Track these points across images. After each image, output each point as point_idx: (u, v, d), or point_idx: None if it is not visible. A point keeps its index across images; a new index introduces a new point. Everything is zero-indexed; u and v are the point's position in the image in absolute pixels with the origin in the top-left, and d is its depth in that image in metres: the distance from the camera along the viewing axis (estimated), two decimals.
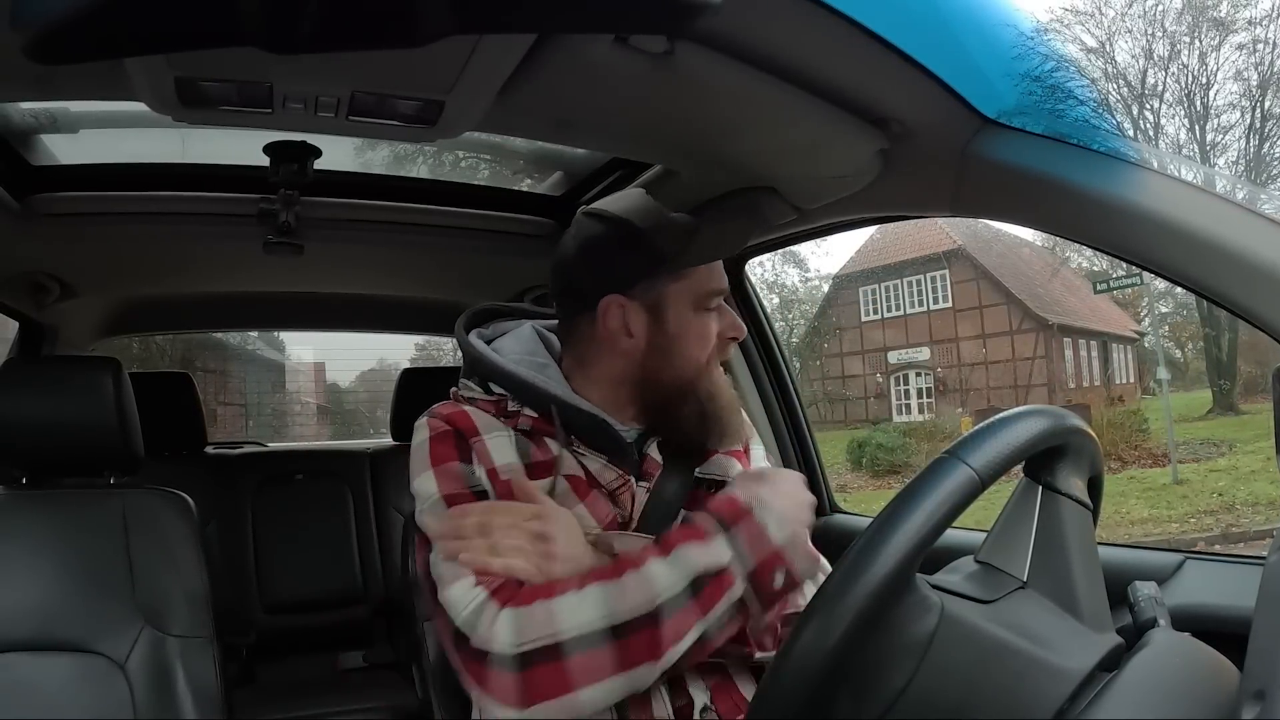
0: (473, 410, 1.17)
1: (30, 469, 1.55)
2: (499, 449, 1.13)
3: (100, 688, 1.40)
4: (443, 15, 0.63)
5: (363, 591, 2.89)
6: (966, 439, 0.76)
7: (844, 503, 2.11)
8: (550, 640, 0.95)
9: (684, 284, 1.17)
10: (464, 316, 1.30)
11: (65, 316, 2.37)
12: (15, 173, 1.68)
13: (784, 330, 17.22)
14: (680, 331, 1.17)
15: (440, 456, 1.12)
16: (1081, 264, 16.98)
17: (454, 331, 1.28)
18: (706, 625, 0.97)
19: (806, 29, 0.95)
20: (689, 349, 1.18)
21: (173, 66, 1.05)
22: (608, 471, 1.17)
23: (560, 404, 1.15)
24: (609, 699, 0.97)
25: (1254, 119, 13.85)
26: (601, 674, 0.95)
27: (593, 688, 0.95)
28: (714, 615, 0.98)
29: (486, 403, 1.18)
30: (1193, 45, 13.97)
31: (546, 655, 0.94)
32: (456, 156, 2.14)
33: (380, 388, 13.25)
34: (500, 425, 1.15)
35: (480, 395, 1.19)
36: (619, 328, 1.16)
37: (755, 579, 0.99)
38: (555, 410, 1.15)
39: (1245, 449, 10.72)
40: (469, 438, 1.13)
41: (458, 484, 1.10)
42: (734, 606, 0.99)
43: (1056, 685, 0.72)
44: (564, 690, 0.94)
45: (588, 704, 0.95)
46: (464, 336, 1.26)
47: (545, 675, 0.94)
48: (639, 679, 0.96)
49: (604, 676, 0.95)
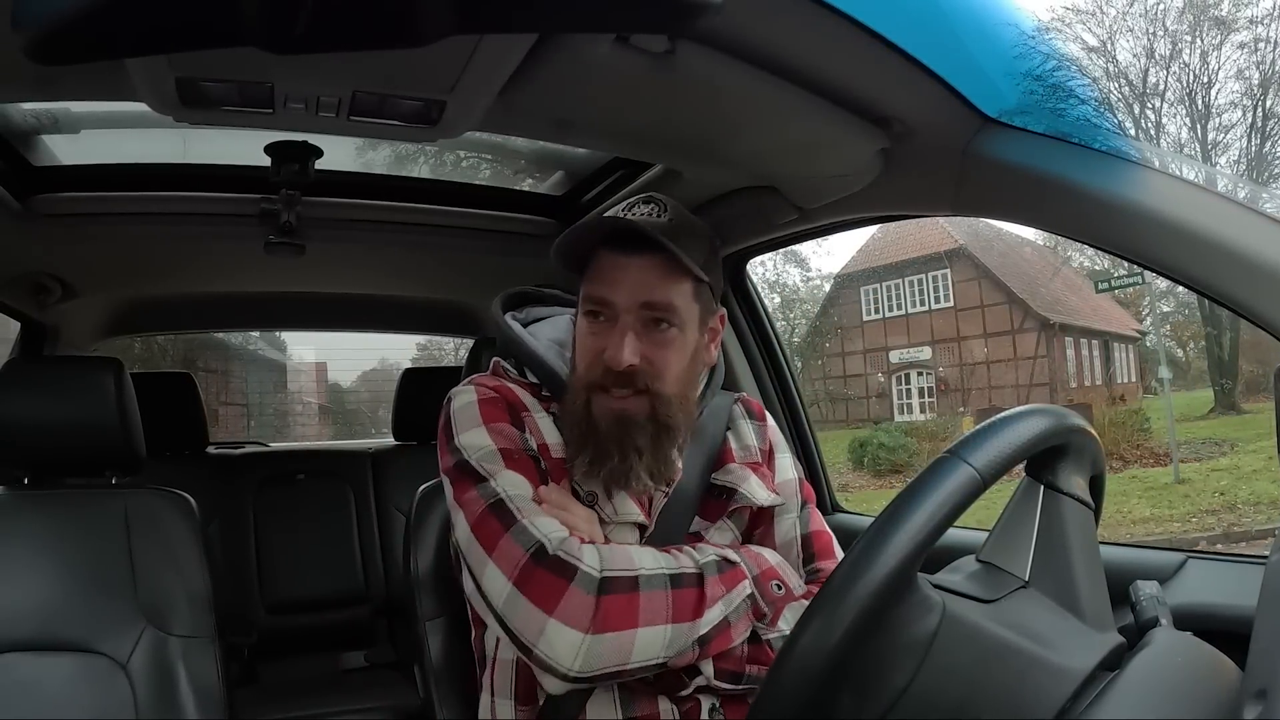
0: (516, 388, 1.18)
1: (32, 469, 1.55)
2: (547, 429, 1.16)
3: (102, 688, 1.40)
4: (444, 15, 0.63)
5: (364, 591, 2.89)
6: (968, 438, 0.76)
7: (846, 502, 2.11)
8: (630, 573, 1.01)
9: (584, 285, 1.15)
10: (501, 297, 1.29)
11: (67, 317, 2.38)
12: (17, 173, 1.69)
13: (785, 330, 17.22)
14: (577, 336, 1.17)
15: (492, 416, 1.13)
16: (1083, 263, 16.97)
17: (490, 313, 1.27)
18: (728, 608, 1.05)
19: (808, 28, 0.95)
20: (578, 357, 1.16)
21: (174, 67, 1.05)
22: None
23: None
24: (656, 650, 1.01)
25: (1255, 118, 13.83)
26: (659, 618, 1.01)
27: (650, 630, 1.00)
28: (733, 599, 1.06)
29: (525, 385, 1.20)
30: (1194, 44, 13.96)
31: (624, 586, 1.01)
32: (458, 156, 2.14)
33: (382, 388, 13.26)
34: (542, 408, 1.17)
35: (516, 377, 1.21)
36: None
37: (759, 583, 1.10)
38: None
39: (1247, 448, 10.71)
40: (519, 411, 1.15)
41: (513, 442, 1.11)
42: (747, 601, 1.07)
43: (1058, 684, 0.72)
44: (629, 624, 0.99)
45: (640, 648, 1.00)
46: (501, 318, 1.25)
47: (619, 604, 0.99)
48: (681, 637, 1.02)
49: (660, 621, 1.01)
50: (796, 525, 1.24)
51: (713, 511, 1.21)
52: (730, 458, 1.24)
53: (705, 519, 1.20)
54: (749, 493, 1.20)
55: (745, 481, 1.21)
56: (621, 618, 0.99)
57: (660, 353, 1.12)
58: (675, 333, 1.12)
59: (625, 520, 1.14)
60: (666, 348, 1.12)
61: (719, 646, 1.04)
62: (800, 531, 1.24)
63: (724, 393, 1.30)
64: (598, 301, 1.12)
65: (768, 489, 1.23)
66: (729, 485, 1.21)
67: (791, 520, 1.25)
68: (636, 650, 0.99)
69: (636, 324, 1.11)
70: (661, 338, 1.12)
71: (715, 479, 1.21)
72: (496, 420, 1.12)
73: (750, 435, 1.29)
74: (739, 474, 1.22)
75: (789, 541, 1.23)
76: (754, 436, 1.29)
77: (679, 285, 1.12)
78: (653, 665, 1.01)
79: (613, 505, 1.14)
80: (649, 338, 1.11)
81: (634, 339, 1.10)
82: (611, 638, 0.98)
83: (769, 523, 1.24)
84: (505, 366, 1.23)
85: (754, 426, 1.30)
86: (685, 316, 1.13)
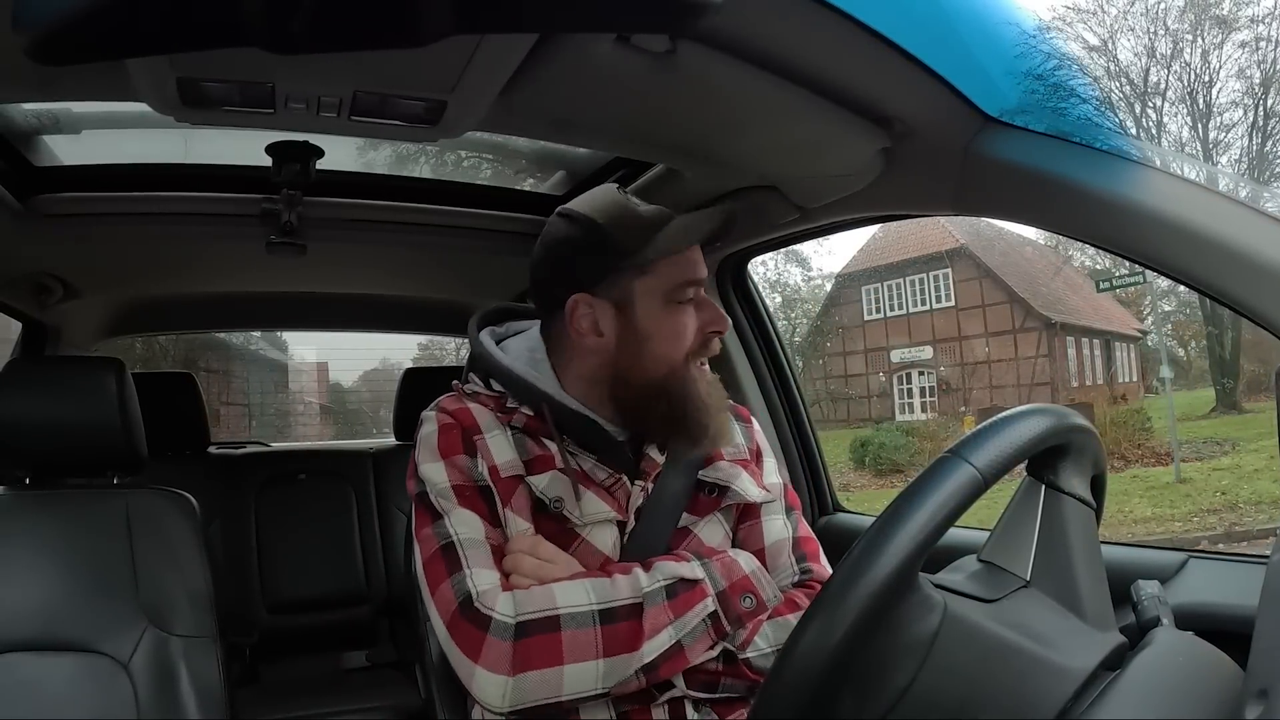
0: (475, 407, 1.19)
1: (34, 469, 1.55)
2: (499, 448, 1.16)
3: (104, 687, 1.40)
4: (444, 15, 0.63)
5: (365, 591, 2.89)
6: (969, 438, 0.76)
7: (847, 502, 2.11)
8: (547, 613, 1.03)
9: (652, 279, 1.16)
10: (478, 314, 1.31)
11: (68, 317, 2.38)
12: (18, 173, 1.69)
13: (787, 329, 17.21)
14: (651, 328, 1.16)
15: (448, 448, 1.16)
16: (1084, 262, 16.96)
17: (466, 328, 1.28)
18: (681, 632, 1.06)
19: (809, 28, 0.94)
20: (661, 346, 1.16)
21: (175, 67, 1.05)
22: (599, 470, 1.17)
23: (551, 403, 1.17)
24: (590, 683, 1.03)
25: (1256, 117, 13.82)
26: (587, 654, 1.03)
27: (578, 666, 1.02)
28: (687, 622, 1.06)
29: (487, 398, 1.21)
30: (1195, 43, 13.95)
31: (542, 626, 1.03)
32: (459, 156, 2.14)
33: (383, 387, 13.28)
34: (499, 424, 1.18)
35: (482, 390, 1.22)
36: (588, 327, 1.17)
37: (725, 598, 1.10)
38: (547, 409, 1.17)
39: (1248, 448, 10.70)
40: (473, 434, 1.16)
41: (463, 476, 1.14)
42: (707, 621, 1.08)
43: (1060, 684, 0.72)
44: (553, 662, 1.02)
45: (571, 682, 1.02)
46: (474, 333, 1.27)
47: (538, 645, 1.02)
48: (619, 668, 1.03)
49: (589, 657, 1.03)
50: (788, 527, 1.25)
51: (703, 507, 1.21)
52: (719, 455, 1.24)
53: (695, 514, 1.20)
54: (741, 490, 1.21)
55: (737, 479, 1.22)
56: (543, 657, 1.02)
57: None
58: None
59: (597, 520, 1.15)
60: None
61: (672, 670, 1.06)
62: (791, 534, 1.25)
63: None
64: (692, 282, 1.17)
65: (758, 485, 1.24)
66: (720, 482, 1.21)
67: (781, 521, 1.25)
68: (567, 684, 1.02)
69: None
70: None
71: (704, 475, 1.21)
72: (452, 453, 1.15)
73: (738, 434, 1.29)
74: (729, 471, 1.23)
75: (780, 542, 1.23)
76: (741, 437, 1.29)
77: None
78: (592, 694, 1.03)
79: (580, 508, 1.14)
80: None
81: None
82: (535, 675, 1.02)
83: (755, 518, 1.24)
84: (473, 379, 1.25)
85: (741, 428, 1.31)
86: None
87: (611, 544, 1.15)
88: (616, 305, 1.16)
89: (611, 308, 1.16)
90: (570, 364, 1.20)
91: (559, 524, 1.14)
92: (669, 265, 1.16)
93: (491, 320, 1.32)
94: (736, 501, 1.22)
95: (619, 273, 1.15)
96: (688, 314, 1.17)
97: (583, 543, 1.14)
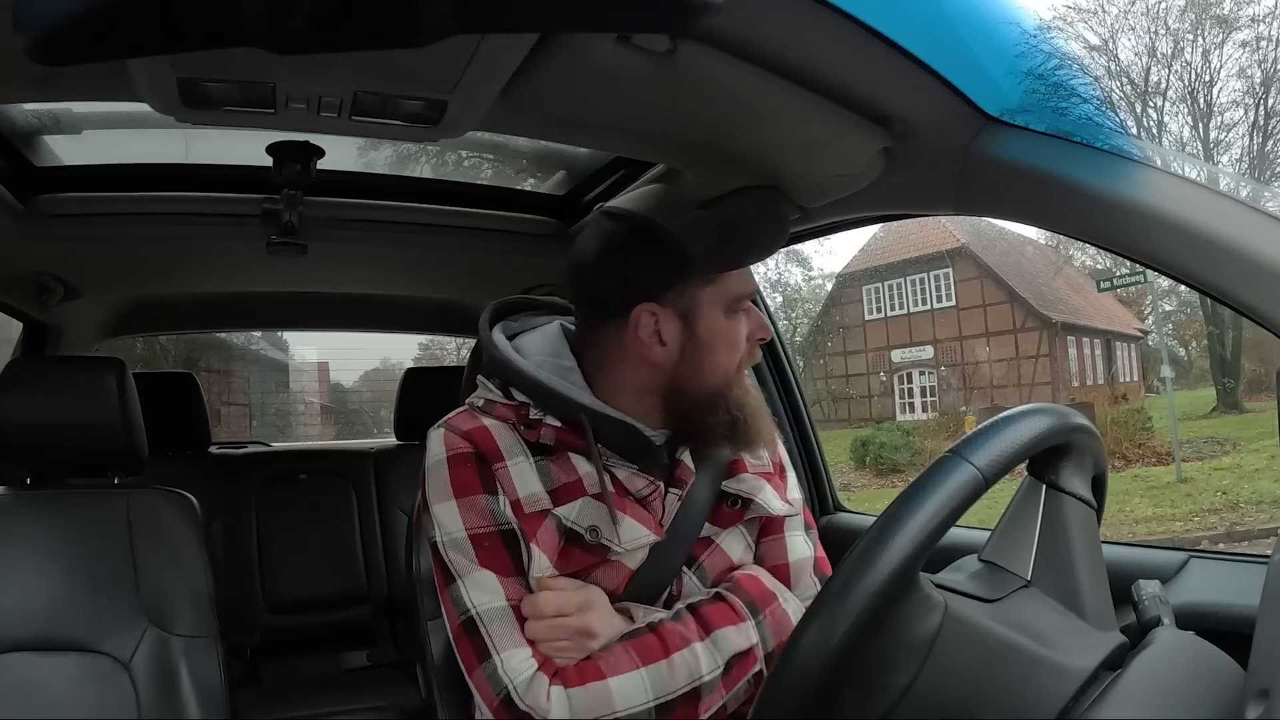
0: (493, 425, 1.12)
1: (35, 469, 1.55)
2: (523, 477, 1.09)
3: (105, 687, 1.41)
4: (445, 14, 0.63)
5: (366, 591, 2.89)
6: (970, 438, 0.76)
7: (848, 501, 2.11)
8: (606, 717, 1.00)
9: (716, 288, 1.12)
10: (489, 310, 1.25)
11: (69, 317, 2.38)
12: (19, 174, 1.69)
13: (787, 329, 17.22)
14: (713, 338, 1.13)
15: (463, 486, 1.09)
16: (1085, 262, 16.99)
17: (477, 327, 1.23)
18: (728, 698, 1.06)
19: (809, 27, 0.94)
20: (721, 356, 1.13)
21: (175, 67, 1.05)
22: (637, 479, 1.13)
23: (590, 413, 1.11)
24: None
25: (1257, 116, 13.85)
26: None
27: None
28: (736, 689, 1.06)
29: (507, 409, 1.13)
30: (1196, 42, 13.97)
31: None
32: (459, 156, 2.14)
33: (384, 387, 13.29)
34: (522, 448, 1.11)
35: (500, 400, 1.14)
36: (651, 337, 1.11)
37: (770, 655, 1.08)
38: (586, 420, 1.10)
39: (1249, 447, 10.72)
40: (492, 463, 1.10)
41: (484, 520, 1.07)
42: (751, 680, 1.07)
43: (1060, 684, 0.72)
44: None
45: None
46: (487, 334, 1.20)
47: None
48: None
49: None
50: (809, 545, 1.23)
51: (726, 519, 1.18)
52: (743, 467, 1.21)
53: (717, 525, 1.18)
54: (765, 502, 1.19)
55: (760, 491, 1.20)
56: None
57: None
58: None
59: (636, 546, 1.11)
60: None
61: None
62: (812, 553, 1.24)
63: None
64: (751, 293, 1.17)
65: (781, 499, 1.22)
66: (744, 495, 1.19)
67: (803, 539, 1.23)
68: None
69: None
70: None
71: (728, 487, 1.19)
72: (467, 491, 1.08)
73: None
74: (753, 483, 1.20)
75: (803, 560, 1.21)
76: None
77: None
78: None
79: (619, 534, 1.09)
80: None
81: None
82: None
83: (779, 533, 1.22)
84: (489, 388, 1.17)
85: None
86: None
87: (639, 560, 1.12)
88: (682, 315, 1.12)
89: (677, 317, 1.11)
90: (616, 372, 1.15)
91: (603, 553, 1.10)
92: (732, 276, 1.13)
93: (503, 314, 1.26)
94: (760, 514, 1.19)
95: (687, 281, 1.11)
96: (744, 323, 1.16)
97: (614, 563, 1.10)
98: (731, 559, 1.17)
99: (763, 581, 1.13)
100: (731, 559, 1.17)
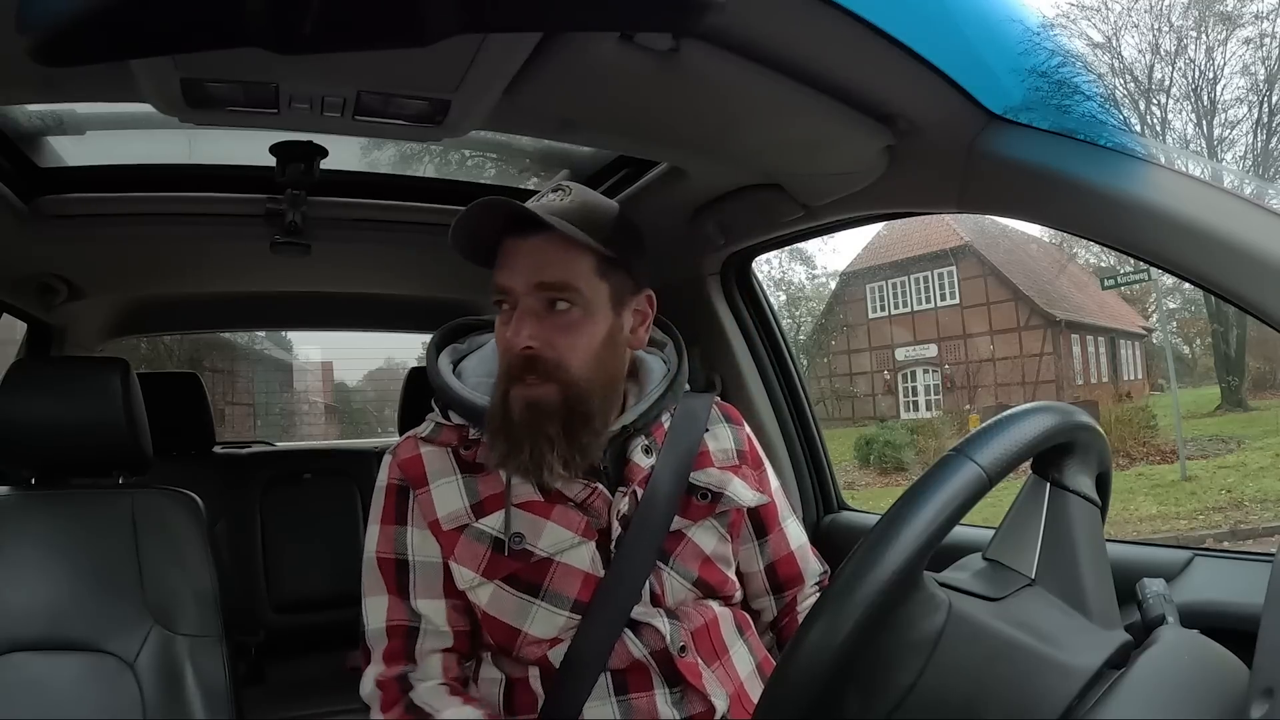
0: (429, 452, 1.18)
1: (39, 469, 1.55)
2: (444, 498, 1.15)
3: (109, 687, 1.41)
4: (448, 14, 0.63)
5: None
6: (974, 436, 0.76)
7: (852, 500, 2.10)
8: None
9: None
10: (437, 335, 1.27)
11: (73, 317, 2.38)
12: (22, 175, 1.69)
13: (791, 327, 17.23)
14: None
15: (386, 513, 1.18)
16: (1089, 260, 16.94)
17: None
18: None
19: (812, 26, 0.94)
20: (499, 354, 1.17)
21: (178, 68, 1.05)
22: (573, 484, 1.13)
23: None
24: None
25: (1261, 114, 13.81)
26: None
27: None
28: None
29: (451, 431, 1.18)
30: (1199, 40, 13.94)
31: None
32: (463, 155, 2.14)
33: (388, 386, 13.31)
34: (453, 469, 1.16)
35: (444, 423, 1.20)
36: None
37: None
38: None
39: (1254, 445, 10.69)
40: (416, 489, 1.16)
41: (388, 546, 1.17)
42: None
43: (1065, 683, 0.72)
44: None
45: None
46: (431, 360, 1.24)
47: None
48: None
49: None
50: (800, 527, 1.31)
51: (696, 512, 1.20)
52: (709, 461, 1.23)
53: (688, 518, 1.19)
54: (735, 494, 1.21)
55: (729, 484, 1.22)
56: None
57: (562, 335, 1.10)
58: (578, 313, 1.10)
59: (560, 549, 1.12)
60: (569, 330, 1.10)
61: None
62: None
63: (702, 395, 1.30)
64: (500, 290, 1.12)
65: (752, 489, 1.24)
66: (713, 488, 1.21)
67: (795, 523, 1.31)
68: None
69: (535, 307, 1.10)
70: (562, 319, 1.10)
71: (695, 480, 1.20)
72: (387, 520, 1.17)
73: (728, 439, 1.29)
74: (720, 477, 1.22)
75: (804, 545, 1.30)
76: (731, 440, 1.29)
77: (575, 263, 1.10)
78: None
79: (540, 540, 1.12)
80: (549, 320, 1.10)
81: (532, 321, 1.09)
82: None
83: (776, 526, 1.28)
84: (435, 411, 1.22)
85: (731, 430, 1.30)
86: (589, 296, 1.11)
87: (590, 560, 1.13)
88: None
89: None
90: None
91: (526, 558, 1.11)
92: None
93: (454, 337, 1.29)
94: (731, 507, 1.22)
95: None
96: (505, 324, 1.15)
97: (557, 568, 1.12)
98: (704, 551, 1.19)
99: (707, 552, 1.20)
100: (704, 551, 1.19)
